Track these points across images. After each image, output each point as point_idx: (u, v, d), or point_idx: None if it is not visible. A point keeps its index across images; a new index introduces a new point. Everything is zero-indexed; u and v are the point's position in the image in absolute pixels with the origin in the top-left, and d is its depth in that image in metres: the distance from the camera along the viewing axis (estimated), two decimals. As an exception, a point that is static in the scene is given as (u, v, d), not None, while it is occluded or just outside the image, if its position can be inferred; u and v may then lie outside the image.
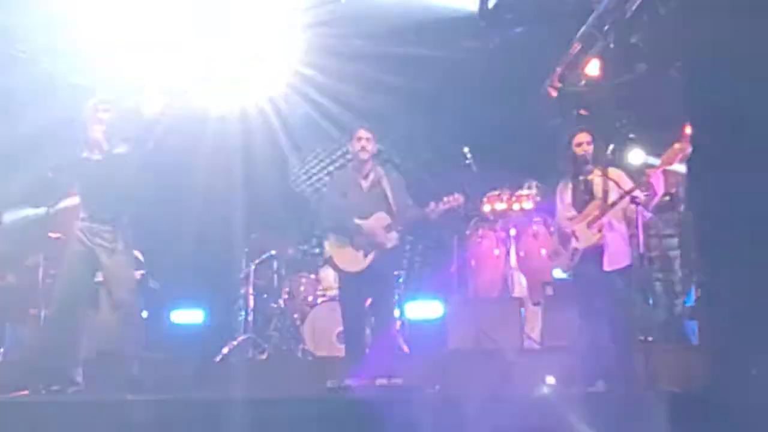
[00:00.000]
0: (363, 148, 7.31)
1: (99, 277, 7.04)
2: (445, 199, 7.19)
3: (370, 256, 7.09)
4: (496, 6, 9.36)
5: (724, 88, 6.16)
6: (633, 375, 6.57)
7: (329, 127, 11.44)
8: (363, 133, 7.37)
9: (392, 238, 7.17)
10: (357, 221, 7.15)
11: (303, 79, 10.62)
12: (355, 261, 7.14)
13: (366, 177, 7.39)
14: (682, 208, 9.19)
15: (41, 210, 8.49)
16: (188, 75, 9.75)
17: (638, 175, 7.07)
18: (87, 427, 5.48)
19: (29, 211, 9.41)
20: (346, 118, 9.73)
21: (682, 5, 7.46)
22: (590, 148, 6.95)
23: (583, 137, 7.02)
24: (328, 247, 7.36)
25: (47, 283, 8.19)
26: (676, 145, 6.63)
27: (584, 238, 6.82)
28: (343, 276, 7.32)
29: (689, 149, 6.52)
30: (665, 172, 6.74)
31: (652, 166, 7.15)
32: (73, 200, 7.49)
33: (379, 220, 7.16)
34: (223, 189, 12.15)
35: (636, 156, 10.10)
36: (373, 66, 10.67)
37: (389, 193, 7.28)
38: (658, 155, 6.96)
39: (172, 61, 9.51)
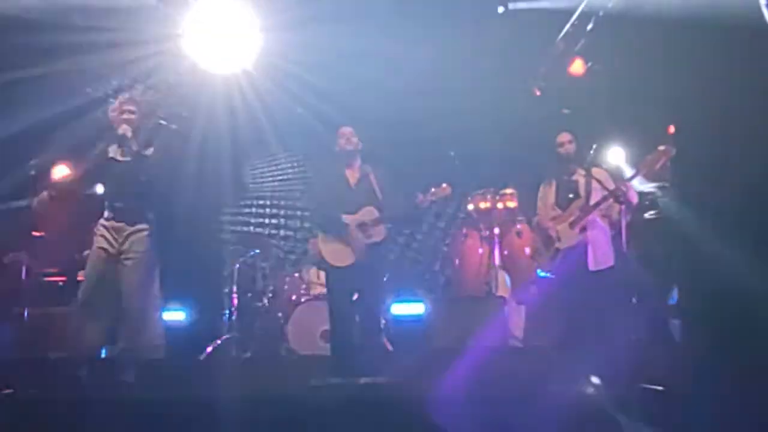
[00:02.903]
0: (348, 141, 7.39)
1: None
2: (433, 189, 7.20)
3: (360, 251, 7.10)
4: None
5: (708, 90, 6.20)
6: (617, 373, 6.61)
7: (316, 125, 11.52)
8: (345, 129, 7.47)
9: (381, 232, 7.18)
10: (345, 218, 7.16)
11: (292, 78, 10.64)
12: (344, 255, 7.15)
13: (353, 171, 7.42)
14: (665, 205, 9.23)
15: (23, 202, 8.41)
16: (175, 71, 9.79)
17: (615, 179, 7.10)
18: (72, 425, 5.46)
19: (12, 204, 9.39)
20: (331, 116, 9.72)
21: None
22: (572, 147, 6.98)
23: (564, 137, 7.05)
24: (318, 242, 7.39)
25: (31, 281, 8.16)
26: (661, 148, 6.66)
27: (566, 238, 6.84)
28: (332, 271, 7.31)
29: (673, 152, 6.55)
30: (647, 172, 6.77)
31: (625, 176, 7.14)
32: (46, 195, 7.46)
33: (367, 214, 7.17)
34: (209, 186, 12.17)
35: (616, 155, 10.14)
36: (359, 63, 10.69)
37: (377, 187, 7.30)
38: (642, 157, 6.97)
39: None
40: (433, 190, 7.20)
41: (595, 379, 6.67)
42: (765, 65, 5.77)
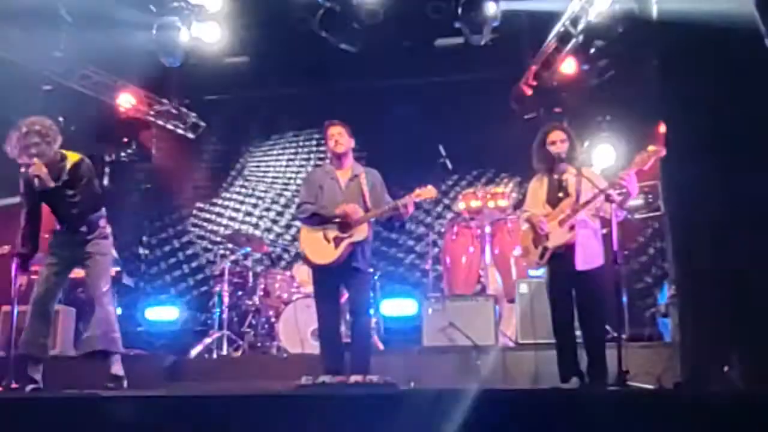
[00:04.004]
0: (337, 143, 7.25)
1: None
2: (417, 191, 7.11)
3: (341, 248, 7.03)
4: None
5: (700, 87, 6.20)
6: (606, 373, 6.61)
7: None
8: (334, 128, 7.30)
9: (363, 230, 7.09)
10: (330, 210, 7.11)
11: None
12: (325, 253, 7.08)
13: (343, 172, 7.34)
14: (656, 206, 9.25)
15: (14, 200, 8.36)
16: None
17: (609, 175, 7.08)
18: (61, 423, 5.44)
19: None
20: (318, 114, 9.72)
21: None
22: (564, 146, 6.94)
23: (556, 135, 7.01)
24: (301, 239, 7.34)
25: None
26: (651, 148, 6.63)
27: (555, 236, 6.82)
28: (316, 269, 7.27)
29: (663, 152, 6.53)
30: (638, 172, 6.74)
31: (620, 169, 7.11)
32: None
33: (351, 212, 7.10)
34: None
35: (606, 154, 10.15)
36: (350, 62, 10.71)
37: (366, 189, 7.21)
38: (632, 156, 6.94)
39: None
40: (417, 191, 7.12)
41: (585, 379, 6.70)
42: (757, 66, 5.78)
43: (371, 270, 8.79)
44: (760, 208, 5.58)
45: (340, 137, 7.27)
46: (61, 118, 10.90)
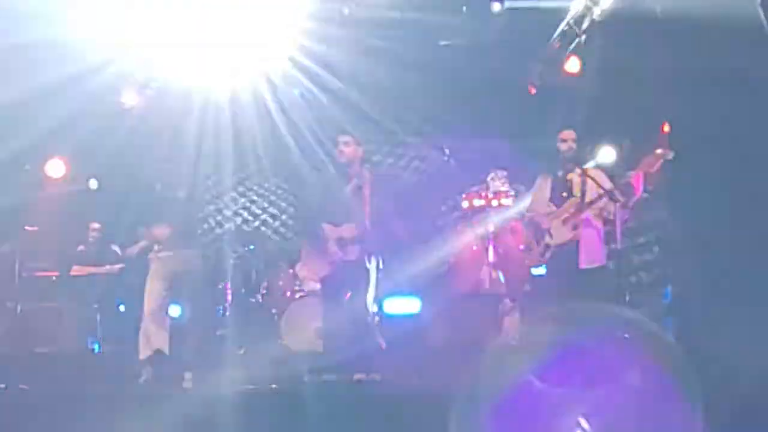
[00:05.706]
0: (341, 152, 7.29)
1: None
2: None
3: (333, 265, 7.09)
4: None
5: (701, 87, 6.21)
6: (607, 371, 6.61)
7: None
8: (341, 138, 7.35)
9: (354, 251, 7.10)
10: (325, 228, 7.14)
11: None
12: (320, 267, 7.15)
13: (349, 181, 7.34)
14: (660, 206, 9.25)
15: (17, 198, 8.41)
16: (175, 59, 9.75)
17: (616, 176, 7.07)
18: (63, 420, 5.47)
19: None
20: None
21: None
22: (574, 146, 6.96)
23: (568, 134, 7.02)
24: (303, 249, 7.42)
25: (23, 276, 8.14)
26: (658, 151, 6.63)
27: (558, 235, 6.84)
28: (320, 269, 7.32)
29: (671, 156, 6.52)
30: (644, 174, 6.74)
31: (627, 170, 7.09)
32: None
33: (347, 230, 7.12)
34: (206, 179, 12.17)
35: (607, 155, 10.13)
36: (352, 60, 10.70)
37: (368, 203, 7.22)
38: (638, 157, 6.94)
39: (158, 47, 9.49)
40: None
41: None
42: (759, 66, 5.79)
43: (375, 266, 8.80)
44: (760, 208, 5.59)
45: (345, 146, 7.31)
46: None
